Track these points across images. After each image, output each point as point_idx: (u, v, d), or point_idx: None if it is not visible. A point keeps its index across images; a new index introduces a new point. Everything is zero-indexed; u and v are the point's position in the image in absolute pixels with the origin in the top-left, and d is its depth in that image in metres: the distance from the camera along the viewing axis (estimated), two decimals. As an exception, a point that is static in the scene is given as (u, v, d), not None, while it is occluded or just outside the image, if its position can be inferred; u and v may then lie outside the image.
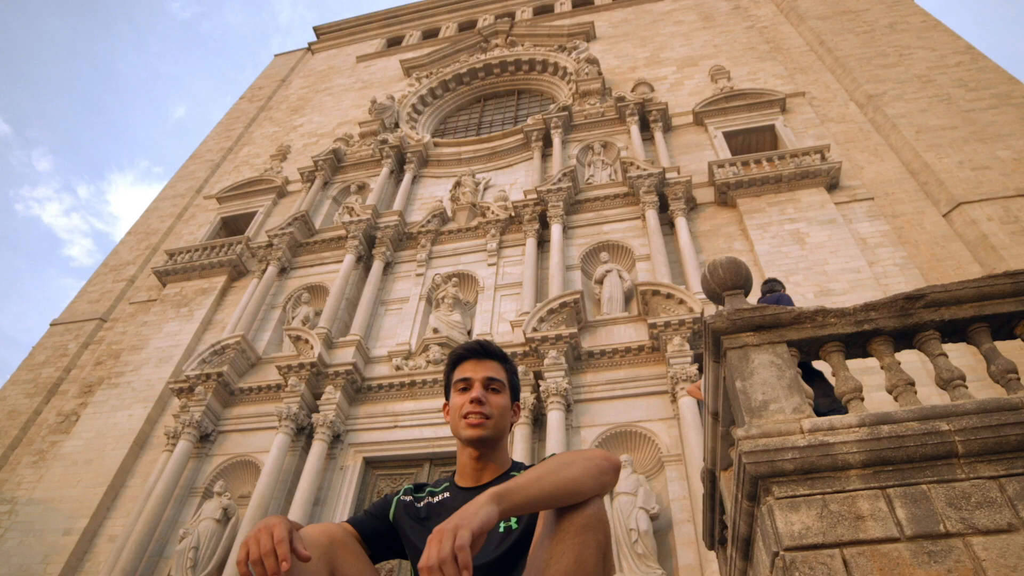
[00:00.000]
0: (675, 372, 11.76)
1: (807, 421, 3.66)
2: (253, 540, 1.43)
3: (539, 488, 1.51)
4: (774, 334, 4.15)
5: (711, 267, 4.79)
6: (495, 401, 1.96)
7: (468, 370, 2.01)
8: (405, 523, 1.92)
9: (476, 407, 1.92)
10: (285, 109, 29.14)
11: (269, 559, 1.39)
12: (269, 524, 1.47)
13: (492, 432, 1.93)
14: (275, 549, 1.41)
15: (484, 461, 1.95)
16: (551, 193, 16.30)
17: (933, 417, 3.52)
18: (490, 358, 2.04)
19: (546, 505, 1.53)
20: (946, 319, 4.06)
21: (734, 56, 22.38)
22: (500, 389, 1.99)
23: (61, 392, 17.54)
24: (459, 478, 2.01)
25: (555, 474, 1.55)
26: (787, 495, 3.42)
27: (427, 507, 1.95)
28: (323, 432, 13.05)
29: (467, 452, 1.97)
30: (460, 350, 2.08)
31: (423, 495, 2.01)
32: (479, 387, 1.96)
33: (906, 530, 3.18)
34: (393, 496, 2.03)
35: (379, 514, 1.96)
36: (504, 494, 1.47)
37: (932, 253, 14.27)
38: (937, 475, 3.36)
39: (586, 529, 1.53)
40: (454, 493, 1.96)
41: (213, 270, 19.01)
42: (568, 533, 1.52)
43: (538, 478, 1.54)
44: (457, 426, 1.96)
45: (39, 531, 13.59)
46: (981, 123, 16.73)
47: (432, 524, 1.85)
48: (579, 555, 1.49)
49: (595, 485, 1.59)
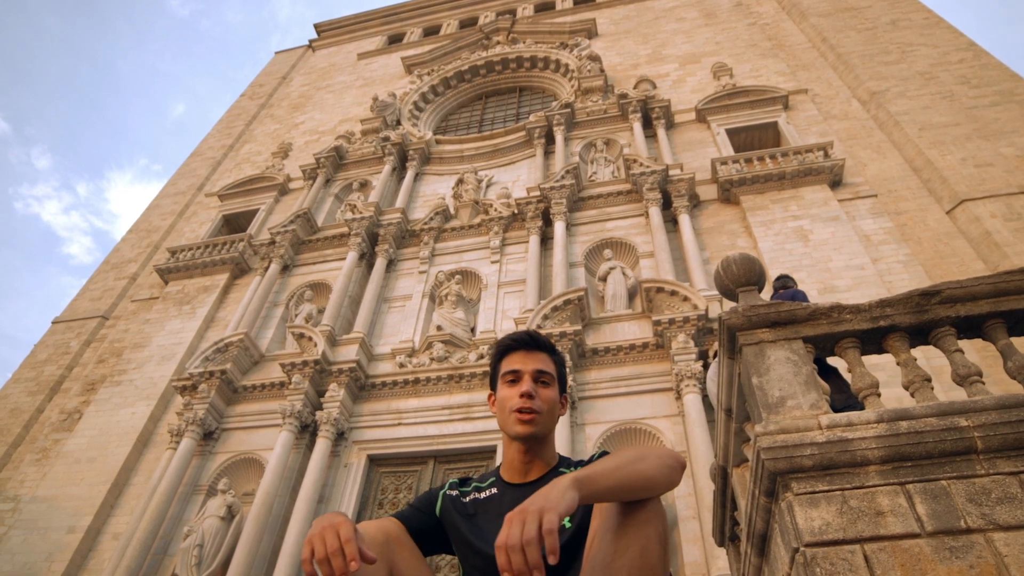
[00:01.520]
0: (679, 369, 11.75)
1: (825, 417, 3.66)
2: (318, 538, 1.40)
3: (617, 478, 1.51)
4: (789, 330, 4.14)
5: (724, 263, 4.78)
6: (545, 395, 1.92)
7: (517, 362, 1.96)
8: (455, 518, 1.89)
9: (526, 402, 1.87)
10: (286, 106, 29.09)
11: (336, 559, 1.36)
12: (334, 522, 1.44)
13: (541, 428, 1.89)
14: (342, 548, 1.38)
15: (533, 457, 1.92)
16: (554, 190, 16.29)
17: (951, 413, 3.52)
18: (539, 349, 2.00)
19: (620, 496, 1.53)
20: (962, 315, 4.05)
21: (736, 53, 22.36)
22: (550, 382, 1.95)
23: (64, 390, 17.52)
24: (506, 473, 1.97)
25: (630, 466, 1.54)
26: (806, 491, 3.41)
27: (474, 503, 1.93)
28: (327, 430, 13.04)
29: (515, 447, 1.93)
30: (508, 340, 2.04)
31: (469, 490, 1.98)
32: (529, 380, 1.91)
33: (927, 526, 3.17)
34: (438, 490, 2.00)
35: (425, 509, 1.93)
36: (584, 481, 1.46)
37: (936, 250, 14.27)
38: (956, 471, 3.36)
39: (649, 523, 1.53)
40: (502, 489, 1.93)
41: (215, 267, 18.99)
42: (632, 527, 1.51)
43: (615, 468, 1.53)
44: (506, 421, 1.91)
45: (43, 529, 13.58)
46: (984, 120, 16.73)
47: (480, 521, 1.83)
48: (644, 548, 1.49)
49: (665, 481, 1.58)
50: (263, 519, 11.87)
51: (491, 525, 1.82)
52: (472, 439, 12.81)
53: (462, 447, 12.83)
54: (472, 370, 13.52)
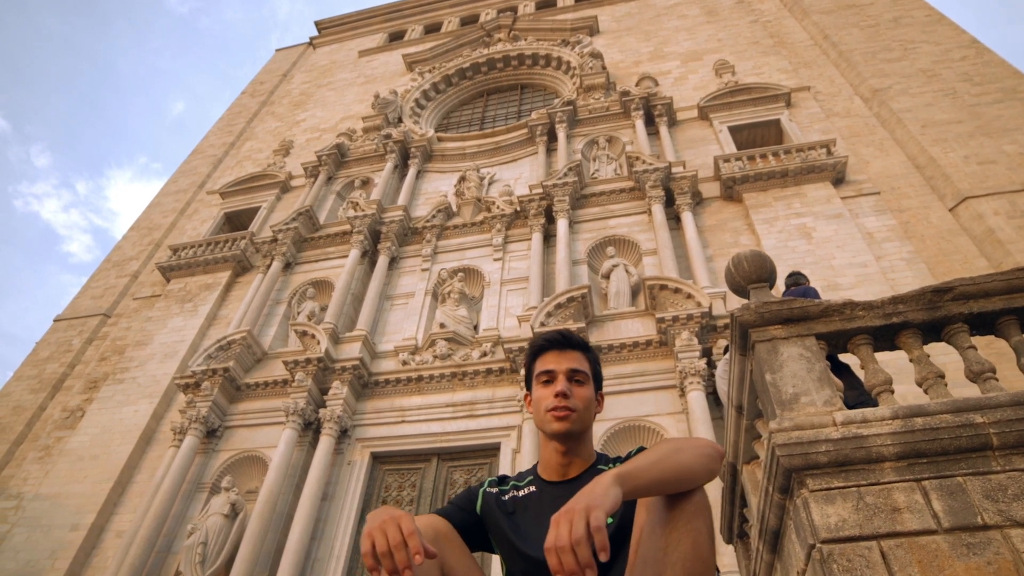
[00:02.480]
0: (683, 367, 11.74)
1: (839, 414, 3.65)
2: (379, 531, 1.39)
3: (657, 472, 1.51)
4: (802, 327, 4.13)
5: (735, 260, 4.77)
6: (580, 393, 1.92)
7: (551, 362, 1.96)
8: (496, 516, 1.89)
9: (561, 400, 1.87)
10: (287, 104, 29.05)
11: (400, 552, 1.35)
12: (395, 515, 1.43)
13: (578, 426, 1.89)
14: (405, 541, 1.36)
15: (570, 456, 1.91)
16: (557, 188, 16.27)
17: (967, 410, 3.51)
18: (573, 348, 1.99)
19: (661, 490, 1.53)
20: (975, 312, 4.04)
21: (738, 50, 22.33)
22: (584, 380, 1.95)
23: (66, 388, 17.52)
24: (544, 471, 1.97)
25: (669, 459, 1.54)
26: (822, 487, 3.41)
27: (512, 500, 1.92)
28: (330, 427, 13.05)
29: (552, 446, 1.93)
30: (541, 340, 2.04)
31: (507, 488, 1.98)
32: (563, 380, 1.91)
33: (943, 522, 3.17)
34: (478, 488, 2.00)
35: (466, 506, 1.94)
36: (626, 476, 1.46)
37: (939, 247, 14.27)
38: (972, 467, 3.35)
39: (698, 515, 1.53)
40: (540, 487, 1.93)
41: (217, 265, 18.97)
42: (681, 520, 1.52)
43: (656, 462, 1.53)
44: (542, 420, 1.91)
45: (46, 527, 13.58)
46: (987, 117, 16.72)
47: (519, 518, 1.83)
48: (695, 541, 1.50)
49: (705, 472, 1.59)
50: (267, 517, 11.87)
51: (531, 523, 1.82)
52: (476, 437, 12.82)
53: (466, 445, 12.83)
54: (475, 368, 13.51)
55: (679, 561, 1.47)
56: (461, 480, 12.61)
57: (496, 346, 13.88)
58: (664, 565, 1.47)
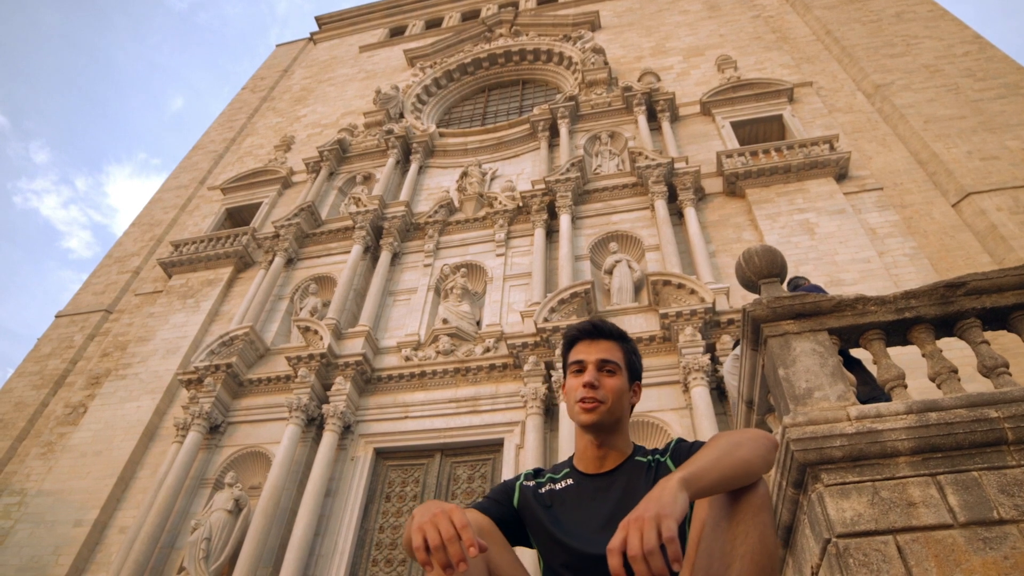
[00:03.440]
0: (687, 362, 11.73)
1: (853, 409, 3.66)
2: (430, 525, 1.36)
3: (720, 471, 1.49)
4: (815, 322, 4.13)
5: (746, 255, 4.77)
6: (609, 384, 1.89)
7: (582, 352, 1.95)
8: (535, 510, 1.86)
9: (588, 391, 1.86)
10: (288, 99, 28.97)
11: (453, 545, 1.33)
12: (445, 509, 1.41)
13: (605, 417, 1.87)
14: (459, 535, 1.35)
15: (606, 448, 1.90)
16: (559, 183, 16.24)
17: (981, 404, 3.51)
18: (604, 338, 1.98)
19: (725, 488, 1.51)
20: (987, 307, 4.04)
21: (740, 46, 22.28)
22: (615, 371, 1.92)
23: (68, 384, 17.50)
24: (580, 463, 1.95)
25: (730, 456, 1.53)
26: (837, 482, 3.41)
27: (550, 494, 1.90)
28: (334, 423, 13.04)
29: (587, 438, 1.92)
30: (573, 331, 2.02)
31: (543, 481, 1.96)
32: (592, 370, 1.90)
33: (959, 517, 3.17)
34: (514, 482, 1.98)
35: (503, 500, 1.91)
36: (691, 479, 1.44)
37: (942, 243, 14.25)
38: (987, 462, 3.35)
39: (763, 509, 1.52)
40: (578, 480, 1.91)
41: (219, 261, 18.94)
42: (747, 514, 1.51)
43: (717, 460, 1.51)
44: (572, 410, 1.91)
45: (49, 522, 13.58)
46: (989, 113, 16.69)
47: (558, 512, 1.81)
48: (762, 534, 1.49)
49: (764, 465, 1.57)
50: (271, 512, 11.88)
51: (571, 517, 1.81)
52: (479, 432, 12.82)
53: (469, 440, 12.83)
54: (478, 363, 13.50)
55: (747, 554, 1.46)
56: (464, 476, 12.61)
57: (499, 342, 13.87)
58: (732, 559, 1.46)
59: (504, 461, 12.17)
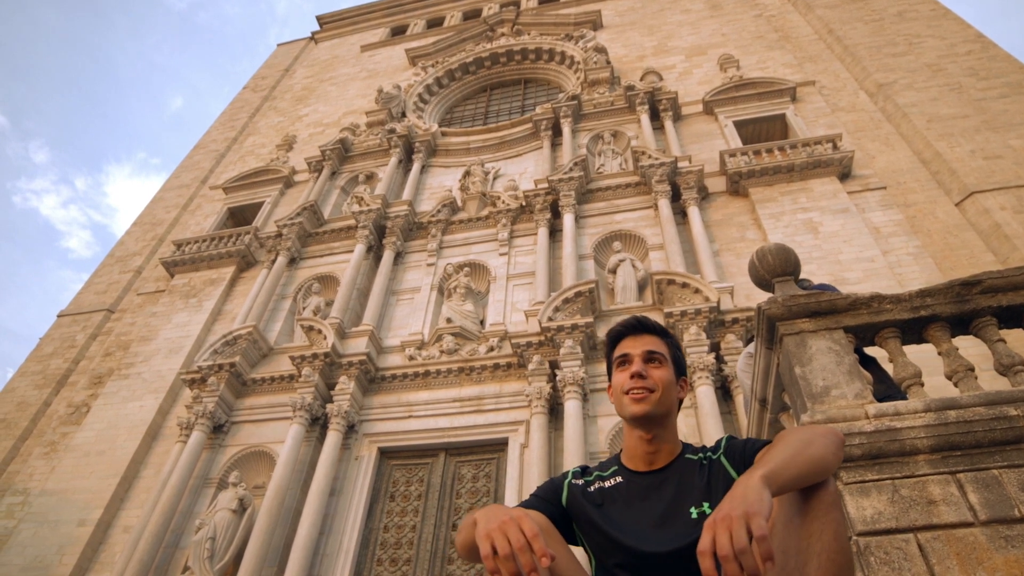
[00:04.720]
0: (692, 361, 11.72)
1: (871, 407, 3.65)
2: (499, 533, 1.34)
3: (796, 468, 1.48)
4: (830, 320, 4.12)
5: (759, 253, 4.75)
6: (657, 375, 1.87)
7: (627, 346, 1.94)
8: (585, 508, 1.84)
9: (637, 381, 1.84)
10: (290, 99, 28.94)
11: (525, 555, 1.30)
12: (514, 516, 1.38)
13: (657, 407, 1.84)
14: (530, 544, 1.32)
15: (657, 443, 1.86)
16: (563, 182, 16.24)
17: (1000, 402, 3.51)
18: (648, 333, 1.96)
19: (800, 484, 1.50)
20: (1003, 305, 4.04)
21: (743, 45, 22.27)
22: (662, 362, 1.91)
23: (70, 383, 17.47)
24: (629, 461, 1.92)
25: (804, 453, 1.52)
26: (856, 480, 3.40)
27: (599, 492, 1.87)
28: (338, 422, 13.03)
29: (636, 434, 1.88)
30: (618, 327, 2.01)
31: (592, 479, 1.93)
32: (639, 361, 1.88)
33: (980, 515, 3.16)
34: (561, 480, 1.95)
35: (552, 499, 1.89)
36: (772, 477, 1.42)
37: (945, 242, 14.25)
38: (1007, 460, 3.34)
39: (834, 506, 1.51)
40: (627, 477, 1.88)
41: (222, 260, 18.92)
42: (820, 511, 1.50)
43: (793, 457, 1.50)
44: (620, 404, 1.87)
45: (53, 522, 13.56)
46: (992, 112, 16.68)
47: (609, 510, 1.79)
48: (836, 531, 1.48)
49: (836, 461, 1.57)
50: (275, 512, 11.87)
51: (623, 514, 1.78)
52: (483, 431, 12.80)
53: (473, 440, 12.82)
54: (483, 363, 13.49)
55: (824, 551, 1.45)
56: (469, 475, 12.60)
57: (503, 341, 13.86)
58: (808, 556, 1.45)
59: (508, 461, 12.16)
